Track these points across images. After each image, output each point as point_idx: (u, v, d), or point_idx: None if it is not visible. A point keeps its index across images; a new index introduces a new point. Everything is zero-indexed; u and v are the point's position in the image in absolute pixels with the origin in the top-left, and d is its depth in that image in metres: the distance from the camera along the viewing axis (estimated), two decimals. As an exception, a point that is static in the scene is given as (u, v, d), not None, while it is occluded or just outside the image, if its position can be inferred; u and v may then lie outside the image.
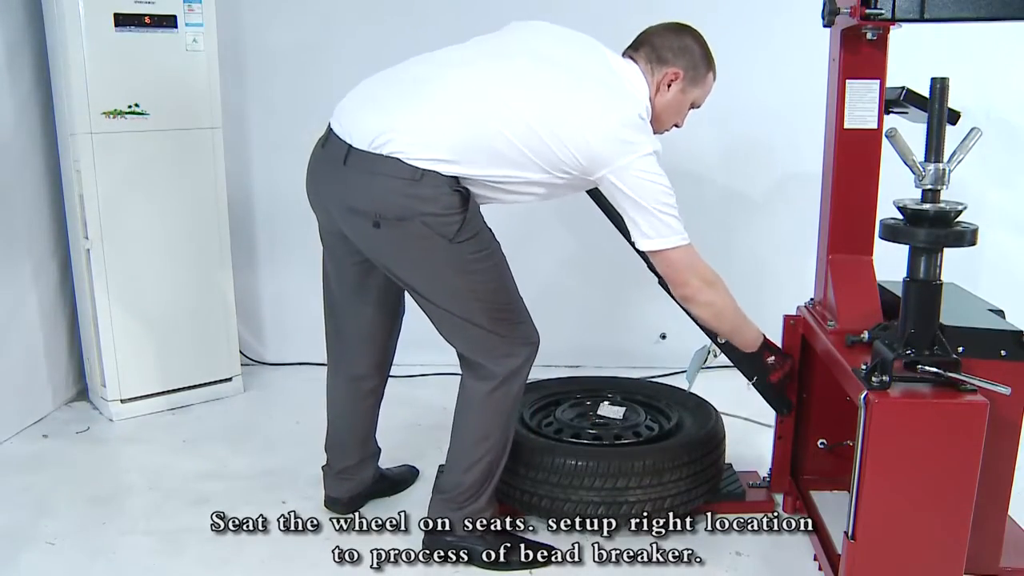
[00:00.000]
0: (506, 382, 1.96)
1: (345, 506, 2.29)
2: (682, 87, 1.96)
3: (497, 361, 1.95)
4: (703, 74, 1.99)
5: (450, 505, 2.03)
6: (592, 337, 3.43)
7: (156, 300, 2.95)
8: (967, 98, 2.25)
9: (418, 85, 1.86)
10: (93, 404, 3.06)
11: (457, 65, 1.88)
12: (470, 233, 1.82)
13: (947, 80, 1.68)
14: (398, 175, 1.76)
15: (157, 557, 2.10)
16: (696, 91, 2.00)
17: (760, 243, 3.32)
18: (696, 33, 2.02)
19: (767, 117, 3.20)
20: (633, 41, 2.03)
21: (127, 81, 2.77)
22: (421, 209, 1.77)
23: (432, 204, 1.77)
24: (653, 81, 1.95)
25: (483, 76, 1.84)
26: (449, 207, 1.78)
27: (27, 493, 2.42)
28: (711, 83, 2.03)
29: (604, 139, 1.78)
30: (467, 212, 1.80)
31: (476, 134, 1.78)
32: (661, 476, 2.05)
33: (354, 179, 1.82)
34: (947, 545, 1.65)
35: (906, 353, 1.69)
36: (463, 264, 1.85)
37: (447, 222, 1.79)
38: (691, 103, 2.02)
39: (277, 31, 3.28)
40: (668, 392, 2.48)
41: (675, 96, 1.97)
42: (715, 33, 3.14)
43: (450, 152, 1.76)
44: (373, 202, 1.80)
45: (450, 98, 1.82)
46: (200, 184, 2.99)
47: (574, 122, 1.78)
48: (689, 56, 1.96)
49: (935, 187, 1.69)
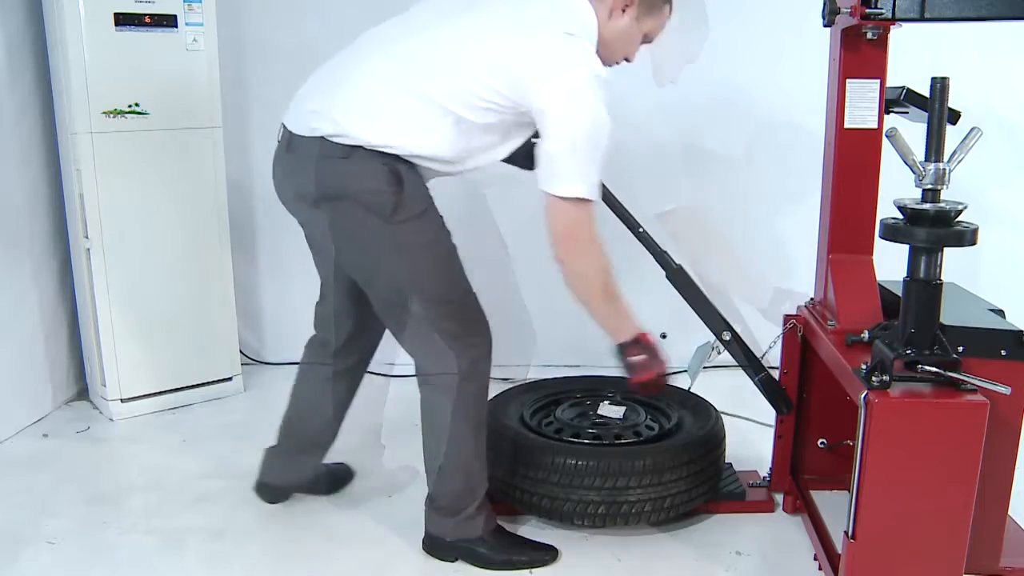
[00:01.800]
0: (463, 386, 1.90)
1: (273, 494, 2.28)
2: (635, 15, 1.85)
3: (447, 365, 1.89)
4: (659, 3, 1.87)
5: (442, 513, 2.03)
6: (592, 337, 3.42)
7: (156, 300, 2.95)
8: (967, 98, 2.25)
9: (346, 65, 1.85)
10: (93, 404, 3.06)
11: (384, 41, 1.86)
12: (409, 214, 1.78)
13: (947, 80, 1.68)
14: (329, 154, 1.76)
15: (157, 556, 2.10)
16: (650, 21, 1.87)
17: (760, 243, 3.32)
18: None
19: (767, 117, 3.20)
20: None
21: (127, 81, 2.77)
22: (353, 186, 1.76)
23: (363, 180, 1.75)
24: (604, 6, 1.82)
25: (409, 43, 1.80)
26: (381, 183, 1.75)
27: (27, 493, 2.42)
28: (666, 16, 1.91)
29: (529, 55, 1.69)
30: (403, 190, 1.76)
31: (395, 103, 1.75)
32: (661, 476, 2.05)
33: (295, 164, 1.84)
34: (947, 545, 1.65)
35: (906, 353, 1.69)
36: (403, 248, 1.80)
37: (381, 200, 1.76)
38: (644, 35, 1.89)
39: (277, 31, 3.28)
40: (668, 391, 2.47)
41: (628, 24, 1.85)
42: (715, 33, 3.17)
43: (372, 125, 1.74)
44: (310, 184, 1.81)
45: (371, 72, 1.80)
46: (200, 184, 2.99)
47: (496, 43, 1.72)
48: None
49: (935, 187, 1.69)
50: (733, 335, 2.18)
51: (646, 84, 3.20)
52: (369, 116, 1.75)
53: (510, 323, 3.37)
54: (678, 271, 2.16)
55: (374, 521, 2.25)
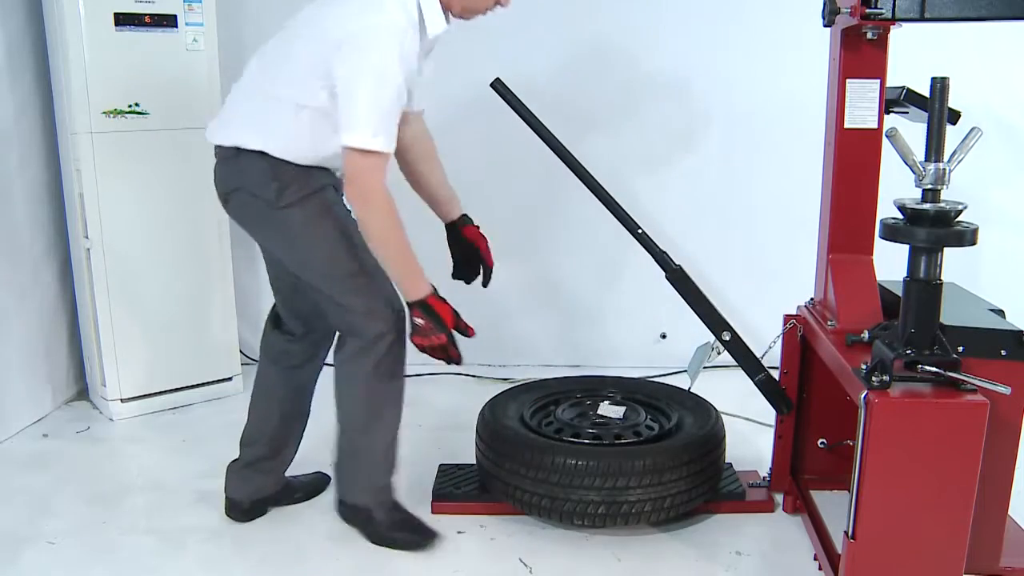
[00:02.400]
0: (359, 359, 1.98)
1: (245, 512, 2.24)
2: None
3: (355, 334, 1.98)
4: None
5: (335, 473, 2.14)
6: (592, 337, 3.43)
7: (156, 300, 2.95)
8: (967, 98, 2.25)
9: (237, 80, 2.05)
10: (93, 404, 3.06)
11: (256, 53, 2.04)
12: (293, 199, 1.92)
13: (947, 80, 1.68)
14: (224, 156, 2.00)
15: (157, 556, 2.10)
16: None
17: (760, 243, 3.32)
18: None
19: (767, 117, 3.20)
20: None
21: (127, 80, 2.77)
22: (241, 180, 1.97)
23: (248, 175, 1.95)
24: None
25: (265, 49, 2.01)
26: (263, 174, 1.92)
27: (27, 493, 2.42)
28: None
29: (338, 20, 1.81)
30: (282, 178, 1.91)
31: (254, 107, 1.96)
32: (661, 476, 2.04)
33: (215, 170, 2.05)
34: (947, 545, 1.65)
35: (906, 353, 1.69)
36: (295, 231, 1.95)
37: (264, 189, 1.92)
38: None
39: (277, 30, 3.27)
40: (668, 391, 2.48)
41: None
42: (715, 33, 3.17)
43: (243, 130, 1.94)
44: (218, 184, 2.04)
45: (242, 82, 2.01)
46: (200, 184, 2.97)
47: (319, 24, 1.86)
48: None
49: (935, 187, 1.69)
50: (733, 335, 2.18)
51: (646, 84, 3.20)
52: (240, 123, 1.97)
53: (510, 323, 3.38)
54: (677, 271, 2.16)
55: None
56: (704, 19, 3.18)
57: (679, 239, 2.33)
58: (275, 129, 1.91)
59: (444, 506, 2.29)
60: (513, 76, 2.11)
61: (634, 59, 3.20)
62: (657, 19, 3.18)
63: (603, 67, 3.24)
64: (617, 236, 2.31)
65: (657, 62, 3.20)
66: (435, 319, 1.89)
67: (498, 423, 2.22)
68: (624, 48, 3.21)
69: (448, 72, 3.21)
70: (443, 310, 1.90)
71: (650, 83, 3.20)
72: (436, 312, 1.89)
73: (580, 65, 3.22)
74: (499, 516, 2.22)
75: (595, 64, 3.23)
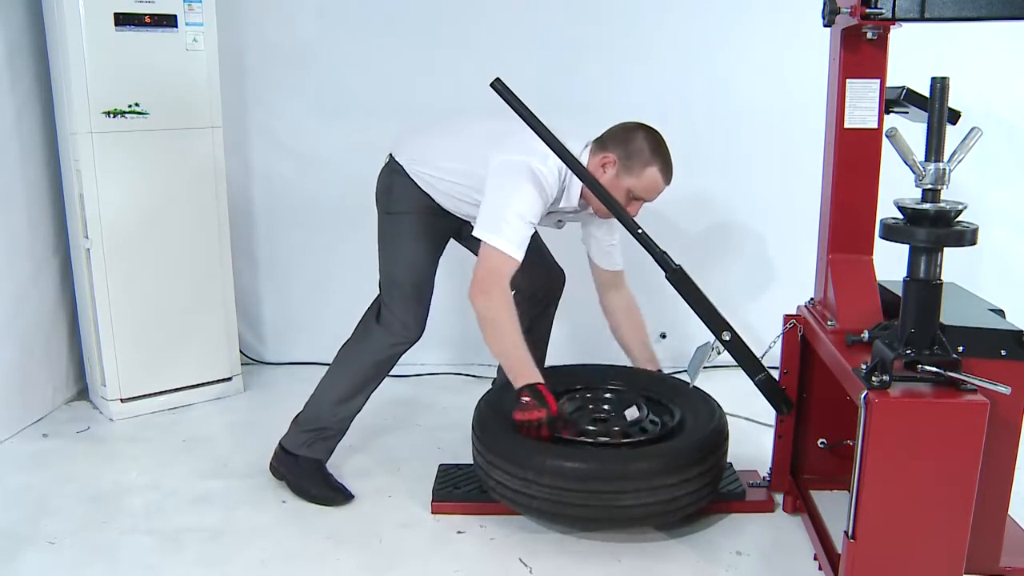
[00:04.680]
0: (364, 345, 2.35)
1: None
2: (616, 172, 2.18)
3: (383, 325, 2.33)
4: (638, 166, 2.17)
5: (294, 424, 2.40)
6: (592, 337, 3.42)
7: (156, 300, 2.95)
8: (967, 98, 2.25)
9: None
10: (93, 404, 3.06)
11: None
12: (385, 204, 2.38)
13: (947, 80, 1.68)
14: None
15: (157, 556, 2.10)
16: (631, 180, 2.18)
17: (760, 243, 3.32)
18: (650, 132, 2.21)
19: (767, 117, 3.20)
20: None
21: (127, 81, 2.77)
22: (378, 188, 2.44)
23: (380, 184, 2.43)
24: (592, 161, 2.21)
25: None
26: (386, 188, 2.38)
27: (27, 493, 2.42)
28: (651, 179, 2.18)
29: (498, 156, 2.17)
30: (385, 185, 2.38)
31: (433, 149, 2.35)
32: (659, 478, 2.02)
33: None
34: (947, 545, 1.65)
35: (906, 353, 1.69)
36: (383, 231, 2.40)
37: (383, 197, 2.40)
38: (629, 191, 2.19)
39: (277, 30, 3.28)
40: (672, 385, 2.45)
41: (610, 180, 2.18)
42: (715, 33, 3.17)
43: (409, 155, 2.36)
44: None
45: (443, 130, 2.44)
46: (200, 184, 2.99)
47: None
48: (626, 146, 2.18)
49: (935, 187, 1.69)
50: (733, 335, 2.18)
51: (645, 84, 3.20)
52: (415, 155, 2.37)
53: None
54: (678, 271, 2.16)
55: (374, 521, 2.25)
56: (704, 19, 3.18)
57: (679, 239, 2.33)
58: (433, 182, 2.30)
59: (444, 506, 2.29)
60: (513, 76, 2.11)
61: (634, 59, 3.20)
62: (658, 19, 3.18)
63: (603, 67, 3.24)
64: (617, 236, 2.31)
65: (657, 62, 3.20)
66: (541, 401, 2.10)
67: (494, 420, 2.19)
68: (624, 48, 3.22)
69: (449, 71, 3.23)
70: (549, 396, 2.12)
71: (650, 83, 3.20)
72: (543, 396, 2.11)
73: (580, 65, 3.23)
74: (499, 516, 2.22)
75: (595, 64, 3.24)
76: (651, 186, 2.19)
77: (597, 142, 2.25)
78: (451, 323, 3.18)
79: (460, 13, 3.22)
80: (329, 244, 3.43)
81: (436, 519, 2.26)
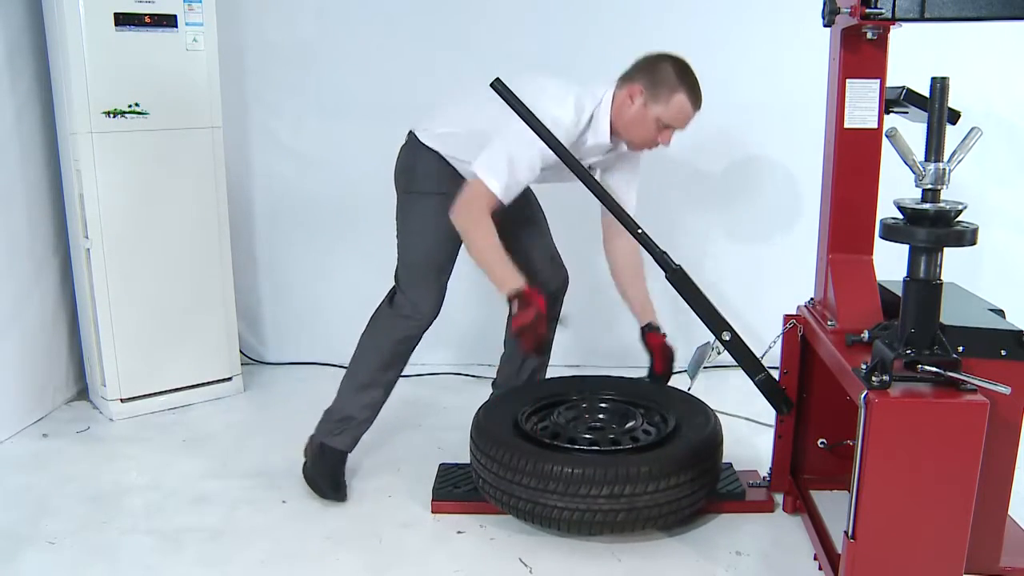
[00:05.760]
0: (376, 330, 2.37)
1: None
2: (643, 101, 2.17)
3: (395, 306, 2.35)
4: (665, 93, 2.15)
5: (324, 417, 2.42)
6: (592, 337, 3.43)
7: (156, 300, 2.95)
8: (967, 98, 2.25)
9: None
10: (93, 404, 3.06)
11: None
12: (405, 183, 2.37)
13: (947, 80, 1.68)
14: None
15: (157, 556, 2.10)
16: (658, 108, 2.16)
17: (760, 243, 3.32)
18: (676, 60, 2.19)
19: (767, 117, 3.20)
20: None
21: (127, 81, 2.77)
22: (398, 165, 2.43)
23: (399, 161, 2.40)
24: (618, 95, 2.21)
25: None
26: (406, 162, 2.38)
27: (27, 493, 2.42)
28: (679, 106, 2.16)
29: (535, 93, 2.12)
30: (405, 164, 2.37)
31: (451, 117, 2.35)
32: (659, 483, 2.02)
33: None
34: (947, 545, 1.65)
35: (906, 353, 1.69)
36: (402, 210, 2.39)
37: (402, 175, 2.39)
38: (658, 120, 2.17)
39: (277, 30, 3.28)
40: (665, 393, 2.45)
41: (637, 110, 2.17)
42: (715, 33, 3.17)
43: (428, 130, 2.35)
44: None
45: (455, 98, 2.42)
46: (200, 184, 2.99)
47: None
48: (652, 75, 2.17)
49: (935, 187, 1.69)
50: (733, 335, 2.17)
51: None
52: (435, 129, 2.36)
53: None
54: (678, 271, 2.16)
55: (374, 521, 2.25)
56: (704, 19, 3.18)
57: (679, 239, 2.33)
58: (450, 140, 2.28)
59: (444, 506, 2.29)
60: (514, 76, 2.11)
61: (634, 59, 3.20)
62: (657, 19, 3.18)
63: (603, 67, 3.23)
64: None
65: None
66: (528, 303, 2.08)
67: (492, 429, 2.19)
68: (624, 48, 3.21)
69: (449, 71, 3.23)
70: (535, 295, 2.10)
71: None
72: (530, 297, 2.09)
73: (580, 65, 3.22)
74: (499, 516, 2.22)
75: (595, 64, 3.23)
76: (680, 113, 2.17)
77: (623, 77, 2.23)
78: (451, 323, 3.17)
79: (460, 13, 3.22)
80: (329, 244, 3.43)
81: (436, 519, 2.26)
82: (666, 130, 2.20)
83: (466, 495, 2.30)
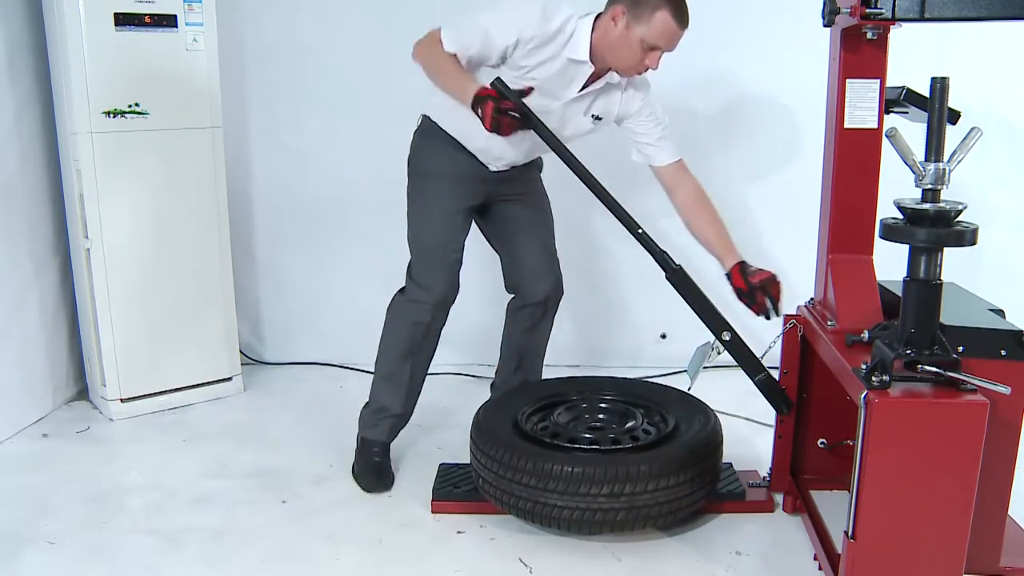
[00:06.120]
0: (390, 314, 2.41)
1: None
2: (625, 23, 2.09)
3: (404, 292, 2.39)
4: (647, 12, 2.07)
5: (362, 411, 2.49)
6: (592, 337, 3.43)
7: (156, 300, 2.95)
8: (967, 98, 2.25)
9: None
10: (93, 404, 3.06)
11: None
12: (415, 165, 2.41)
13: (947, 80, 1.68)
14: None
15: (157, 556, 2.10)
16: (641, 28, 2.08)
17: (760, 243, 3.32)
18: None
19: (767, 116, 3.20)
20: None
21: (127, 80, 2.77)
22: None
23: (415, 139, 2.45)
24: (602, 19, 2.14)
25: None
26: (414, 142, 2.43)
27: (27, 493, 2.42)
28: (662, 23, 2.07)
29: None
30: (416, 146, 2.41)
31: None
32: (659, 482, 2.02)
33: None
34: (947, 545, 1.65)
35: (906, 353, 1.69)
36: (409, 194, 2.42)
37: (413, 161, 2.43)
38: (643, 41, 2.09)
39: (277, 30, 3.28)
40: (664, 393, 2.45)
41: (620, 33, 2.10)
42: (715, 33, 3.17)
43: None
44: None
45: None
46: (200, 184, 2.99)
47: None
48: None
49: (935, 187, 1.69)
50: (733, 335, 2.18)
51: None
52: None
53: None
54: (678, 271, 2.16)
55: (374, 521, 2.25)
56: (704, 19, 3.17)
57: (679, 239, 2.33)
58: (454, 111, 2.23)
59: (444, 506, 2.29)
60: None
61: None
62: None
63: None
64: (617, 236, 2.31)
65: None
66: (486, 99, 2.05)
67: (492, 429, 2.19)
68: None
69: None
70: (488, 89, 2.08)
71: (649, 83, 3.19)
72: (487, 95, 2.06)
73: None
74: (499, 516, 2.22)
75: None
76: (664, 31, 2.08)
77: (608, 3, 2.15)
78: (451, 323, 3.17)
79: (460, 13, 3.21)
80: (329, 244, 3.43)
81: (436, 519, 2.26)
82: (652, 52, 2.11)
83: (466, 495, 2.30)
